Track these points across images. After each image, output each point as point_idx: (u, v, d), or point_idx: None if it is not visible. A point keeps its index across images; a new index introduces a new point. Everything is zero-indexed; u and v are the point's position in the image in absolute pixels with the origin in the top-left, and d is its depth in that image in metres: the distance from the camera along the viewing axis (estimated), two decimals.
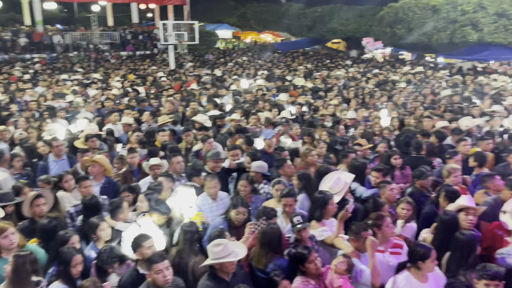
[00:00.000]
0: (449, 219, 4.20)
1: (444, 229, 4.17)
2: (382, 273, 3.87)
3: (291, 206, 4.69)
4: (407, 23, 22.82)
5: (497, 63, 22.52)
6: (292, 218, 4.20)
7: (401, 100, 11.56)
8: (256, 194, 5.45)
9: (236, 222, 4.55)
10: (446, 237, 4.06)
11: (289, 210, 4.68)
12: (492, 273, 3.29)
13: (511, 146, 6.91)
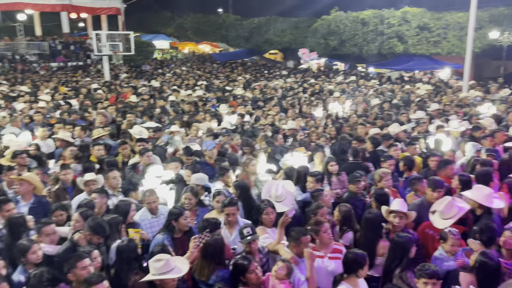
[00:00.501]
0: (373, 217, 4.49)
1: (368, 227, 4.46)
2: (321, 278, 3.97)
3: (234, 216, 4.69)
4: (339, 35, 23.90)
5: (421, 73, 24.19)
6: (241, 230, 4.17)
7: (336, 109, 12.03)
8: (201, 207, 5.39)
9: (185, 206, 4.67)
10: (370, 234, 4.36)
11: (232, 220, 4.68)
12: (430, 272, 3.48)
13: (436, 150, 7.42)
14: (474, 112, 10.93)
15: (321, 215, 4.62)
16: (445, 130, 8.32)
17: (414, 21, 22.40)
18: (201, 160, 6.99)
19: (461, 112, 11.05)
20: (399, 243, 4.01)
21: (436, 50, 22.72)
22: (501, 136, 7.86)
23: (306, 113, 11.52)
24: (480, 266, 3.56)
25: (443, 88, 16.69)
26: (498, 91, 15.18)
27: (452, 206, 4.42)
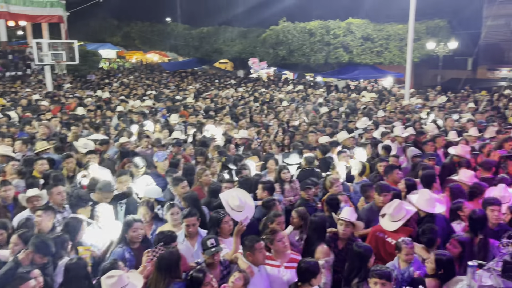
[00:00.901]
0: (318, 220, 4.63)
1: (312, 229, 4.63)
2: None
3: (194, 226, 4.62)
4: (288, 45, 24.41)
5: (366, 81, 25.23)
6: (205, 241, 4.08)
7: (286, 117, 12.24)
8: (157, 221, 5.24)
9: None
10: (313, 237, 4.53)
11: (193, 231, 4.61)
12: (380, 272, 3.58)
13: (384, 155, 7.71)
14: (417, 118, 11.53)
15: (278, 223, 4.65)
16: (391, 136, 8.71)
17: (358, 32, 23.38)
18: (153, 172, 6.83)
19: (404, 118, 11.62)
20: (358, 253, 4.06)
21: (379, 60, 23.81)
22: (441, 141, 8.34)
23: (257, 122, 11.61)
24: (438, 267, 3.71)
25: (386, 96, 17.47)
26: (436, 98, 16.13)
27: (400, 209, 4.62)
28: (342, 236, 4.58)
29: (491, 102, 14.93)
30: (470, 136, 8.79)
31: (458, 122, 10.75)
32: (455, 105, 14.52)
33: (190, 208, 4.82)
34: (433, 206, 4.88)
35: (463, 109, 13.17)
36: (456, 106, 14.01)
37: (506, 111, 12.75)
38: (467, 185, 5.74)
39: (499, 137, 8.71)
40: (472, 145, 8.33)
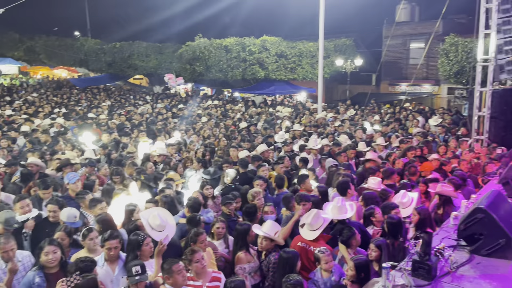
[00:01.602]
0: (241, 229, 4.82)
1: (236, 237, 4.82)
2: None
3: (116, 250, 4.37)
4: (205, 60, 24.49)
5: (282, 96, 26.14)
6: (130, 267, 3.85)
7: (207, 133, 12.21)
8: (74, 247, 4.86)
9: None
10: (238, 243, 4.75)
11: (114, 254, 4.35)
12: (293, 282, 3.71)
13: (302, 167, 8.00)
14: (330, 130, 12.17)
15: (201, 242, 4.57)
16: (307, 149, 9.08)
17: (272, 49, 24.23)
18: (64, 195, 6.37)
19: (318, 131, 12.20)
20: (286, 258, 4.21)
21: (293, 76, 24.86)
22: (353, 152, 8.89)
23: (176, 138, 11.42)
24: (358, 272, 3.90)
25: (301, 110, 18.23)
26: (346, 111, 17.22)
27: (318, 217, 4.80)
28: (260, 250, 4.67)
29: (394, 114, 16.28)
30: (378, 146, 9.50)
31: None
32: (363, 117, 15.60)
33: (111, 230, 4.56)
34: (344, 212, 5.17)
35: (370, 121, 14.20)
36: (364, 119, 15.06)
37: (407, 122, 13.98)
38: (376, 192, 6.17)
39: (402, 146, 9.51)
40: (380, 154, 8.99)
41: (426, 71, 26.08)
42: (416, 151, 8.78)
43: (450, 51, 19.78)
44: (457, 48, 19.39)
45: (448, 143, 9.96)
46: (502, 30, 10.07)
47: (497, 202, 4.07)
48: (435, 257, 3.60)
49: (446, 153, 9.07)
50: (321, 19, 15.78)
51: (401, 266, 3.64)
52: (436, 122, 13.00)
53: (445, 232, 4.43)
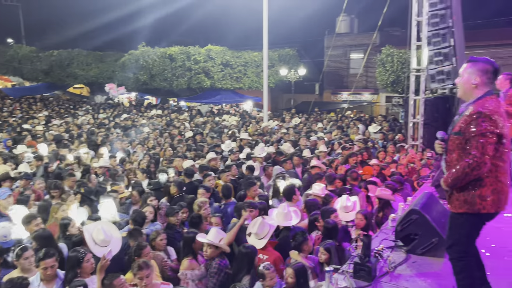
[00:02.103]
0: (187, 238, 4.83)
1: (183, 245, 4.87)
2: None
3: (53, 268, 4.12)
4: (149, 69, 24.04)
5: (228, 105, 26.20)
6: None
7: (151, 143, 11.95)
8: (6, 268, 4.51)
9: None
10: (184, 251, 4.80)
11: (51, 273, 4.10)
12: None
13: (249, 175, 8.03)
14: (276, 138, 12.36)
15: (145, 255, 4.44)
16: (253, 157, 9.15)
17: (218, 58, 24.30)
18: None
19: (264, 139, 12.35)
20: (246, 253, 4.32)
21: (239, 85, 25.04)
22: (298, 160, 9.07)
23: (120, 149, 11.07)
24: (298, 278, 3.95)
25: (247, 119, 18.37)
26: (291, 120, 17.59)
27: (264, 225, 4.83)
28: (206, 258, 4.63)
29: (336, 122, 16.86)
30: (321, 152, 9.78)
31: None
32: (307, 125, 16.01)
33: (47, 248, 4.30)
34: (289, 219, 5.26)
35: (314, 128, 14.59)
36: (308, 127, 15.45)
37: (348, 130, 14.52)
38: (320, 197, 6.34)
39: (344, 153, 9.85)
40: (323, 160, 9.26)
41: (365, 81, 27.31)
42: (357, 157, 9.13)
43: (386, 61, 20.88)
44: (393, 59, 20.51)
45: (387, 148, 10.45)
46: (432, 42, 10.77)
47: (430, 203, 4.33)
48: (375, 259, 3.76)
49: (385, 158, 9.52)
50: (264, 30, 16.07)
51: (343, 269, 3.76)
52: (375, 130, 13.63)
53: (384, 234, 4.64)
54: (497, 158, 2.80)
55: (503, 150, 2.83)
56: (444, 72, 10.69)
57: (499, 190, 2.83)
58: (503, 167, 2.84)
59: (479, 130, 2.76)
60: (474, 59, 3.04)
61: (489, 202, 2.83)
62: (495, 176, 2.82)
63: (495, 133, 2.75)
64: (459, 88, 3.07)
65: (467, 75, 3.00)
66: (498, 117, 2.78)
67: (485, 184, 2.82)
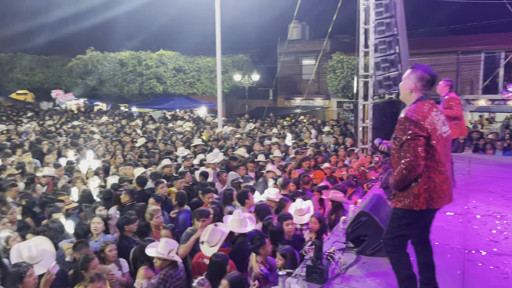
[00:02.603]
0: (138, 249, 4.80)
1: (136, 257, 4.79)
2: None
3: None
4: (98, 75, 23.31)
5: (182, 111, 25.88)
6: None
7: (101, 151, 11.53)
8: None
9: None
10: (138, 262, 4.71)
11: None
12: None
13: (203, 181, 7.92)
14: (230, 144, 12.33)
15: (93, 268, 4.26)
16: (206, 163, 9.06)
17: (170, 63, 23.98)
18: None
19: (218, 145, 12.28)
20: (216, 262, 4.25)
21: (193, 91, 24.84)
22: (253, 166, 9.08)
23: (67, 157, 10.59)
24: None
25: (202, 125, 18.22)
26: (246, 125, 17.64)
27: (215, 232, 4.76)
28: (156, 268, 4.51)
29: (290, 127, 17.10)
30: (275, 157, 9.86)
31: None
32: (262, 131, 16.12)
33: None
34: (244, 225, 5.24)
35: (268, 134, 14.71)
36: (263, 132, 15.56)
37: (302, 134, 14.77)
38: (275, 202, 6.39)
39: (298, 157, 10.00)
40: (277, 165, 9.34)
41: (317, 86, 27.97)
42: (310, 161, 9.29)
43: (337, 67, 21.51)
44: (343, 65, 21.16)
45: (338, 152, 10.72)
46: (379, 49, 11.23)
47: (378, 205, 4.47)
48: (327, 261, 3.82)
49: (337, 162, 9.75)
50: (218, 35, 16.05)
51: (296, 273, 3.79)
52: (327, 134, 13.96)
53: (336, 236, 4.74)
54: (428, 158, 2.99)
55: (434, 151, 3.00)
56: (391, 78, 11.16)
57: (431, 189, 3.01)
58: (434, 166, 3.01)
59: (409, 134, 2.95)
60: (415, 66, 3.21)
61: (421, 200, 3.00)
62: (427, 175, 3.00)
63: (423, 136, 2.94)
64: (399, 91, 3.28)
65: (406, 81, 3.19)
66: (426, 121, 2.97)
67: (418, 183, 3.00)
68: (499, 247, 4.27)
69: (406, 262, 3.15)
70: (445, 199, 3.08)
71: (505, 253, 4.12)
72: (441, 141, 3.05)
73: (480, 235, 4.61)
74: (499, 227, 4.80)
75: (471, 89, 23.08)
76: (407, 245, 3.22)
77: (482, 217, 5.15)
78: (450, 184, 3.14)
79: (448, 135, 3.18)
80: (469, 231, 4.71)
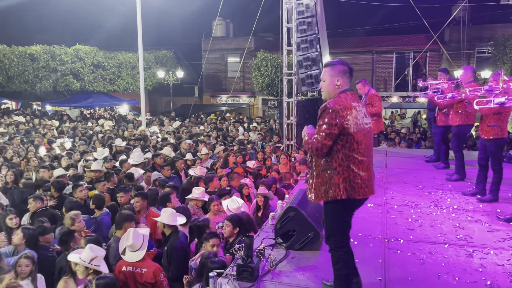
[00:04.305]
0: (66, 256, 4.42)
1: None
2: None
3: None
4: (5, 70, 21.34)
5: (102, 109, 24.61)
6: None
7: (10, 154, 10.53)
8: None
9: None
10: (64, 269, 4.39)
11: None
12: None
13: (129, 183, 7.55)
14: (154, 143, 11.94)
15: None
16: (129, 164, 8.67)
17: (88, 59, 22.65)
18: None
19: (140, 144, 11.83)
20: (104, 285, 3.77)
21: (113, 88, 23.70)
22: (180, 164, 8.87)
23: None
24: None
25: (123, 124, 17.45)
26: (171, 123, 17.22)
27: (138, 236, 4.49)
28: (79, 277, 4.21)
29: (216, 124, 17.02)
30: (203, 155, 9.73)
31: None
32: (188, 128, 15.85)
33: None
34: (175, 220, 5.12)
35: (195, 132, 14.50)
36: (188, 130, 15.30)
37: (229, 132, 14.78)
38: (201, 200, 6.34)
39: (222, 154, 9.94)
40: (205, 164, 9.23)
41: (243, 84, 28.16)
42: (237, 158, 9.31)
43: (261, 65, 21.81)
44: (267, 63, 21.52)
45: (265, 149, 10.87)
46: (301, 48, 11.56)
47: (304, 200, 4.56)
48: (257, 258, 3.82)
49: (265, 159, 9.84)
50: (139, 30, 15.44)
51: (227, 273, 3.75)
52: (254, 131, 14.11)
53: (265, 233, 4.76)
54: (347, 148, 3.07)
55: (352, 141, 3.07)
56: (313, 76, 11.55)
57: (350, 179, 3.08)
58: (354, 156, 3.09)
59: (323, 122, 3.05)
60: (332, 63, 3.30)
61: (341, 189, 3.07)
62: (346, 165, 3.07)
63: (336, 124, 3.02)
64: (324, 91, 3.29)
65: (330, 78, 3.23)
66: (346, 111, 3.05)
67: (338, 173, 3.08)
68: (414, 235, 4.58)
69: (347, 261, 3.18)
70: (367, 189, 3.15)
71: (420, 240, 4.43)
72: (361, 132, 3.12)
73: (398, 224, 4.90)
74: (414, 216, 5.15)
75: (384, 86, 24.73)
76: (349, 238, 3.27)
77: (399, 207, 5.50)
78: (371, 175, 3.21)
79: (370, 128, 3.26)
80: (388, 221, 5.00)
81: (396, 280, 3.60)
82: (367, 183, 3.14)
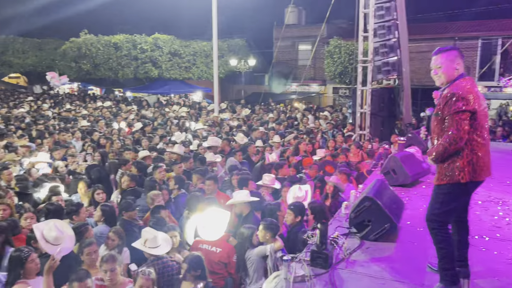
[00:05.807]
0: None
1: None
2: None
3: None
4: (92, 58, 22.97)
5: (177, 96, 25.66)
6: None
7: (97, 136, 11.37)
8: None
9: None
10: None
11: None
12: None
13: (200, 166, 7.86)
14: (226, 130, 12.23)
15: (88, 253, 4.21)
16: (204, 148, 9.00)
17: (165, 47, 23.67)
18: None
19: (214, 129, 12.19)
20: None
21: (188, 75, 24.59)
22: (252, 149, 9.05)
23: (62, 142, 10.44)
24: None
25: (196, 110, 18.06)
26: (241, 111, 17.52)
27: (215, 216, 4.70)
28: None
29: (285, 113, 17.01)
30: (274, 143, 9.82)
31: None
32: (259, 116, 16.02)
33: None
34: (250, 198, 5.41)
35: (266, 119, 14.62)
36: (260, 118, 15.46)
37: (298, 120, 14.71)
38: (271, 188, 6.40)
39: (293, 142, 9.93)
40: (277, 150, 9.30)
41: (313, 72, 27.75)
42: (307, 146, 9.26)
43: (334, 53, 21.35)
44: (340, 50, 21.01)
45: (336, 138, 10.67)
46: (378, 34, 11.12)
47: (381, 190, 4.45)
48: (331, 246, 3.80)
49: (336, 148, 9.69)
50: (214, 19, 15.80)
51: (300, 258, 3.77)
52: (324, 120, 13.91)
53: (338, 222, 4.71)
54: (471, 132, 3.06)
55: (477, 125, 3.07)
56: (389, 64, 11.09)
57: (474, 162, 3.08)
58: (480, 142, 3.09)
59: (454, 109, 3.01)
60: (445, 49, 3.26)
61: (466, 172, 3.08)
62: (470, 149, 3.08)
63: (468, 110, 3.01)
64: (441, 77, 3.22)
65: (448, 63, 3.19)
66: (471, 96, 3.03)
67: (462, 156, 3.08)
68: (502, 233, 4.27)
69: (450, 240, 3.20)
70: (487, 171, 3.17)
71: (508, 239, 4.13)
72: (483, 116, 3.13)
73: (482, 220, 4.61)
74: (501, 213, 4.81)
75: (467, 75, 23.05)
76: (451, 222, 3.28)
77: (484, 203, 5.16)
78: (490, 157, 3.21)
79: (487, 111, 3.25)
80: (471, 217, 4.70)
81: (480, 279, 3.40)
82: (488, 165, 3.18)
